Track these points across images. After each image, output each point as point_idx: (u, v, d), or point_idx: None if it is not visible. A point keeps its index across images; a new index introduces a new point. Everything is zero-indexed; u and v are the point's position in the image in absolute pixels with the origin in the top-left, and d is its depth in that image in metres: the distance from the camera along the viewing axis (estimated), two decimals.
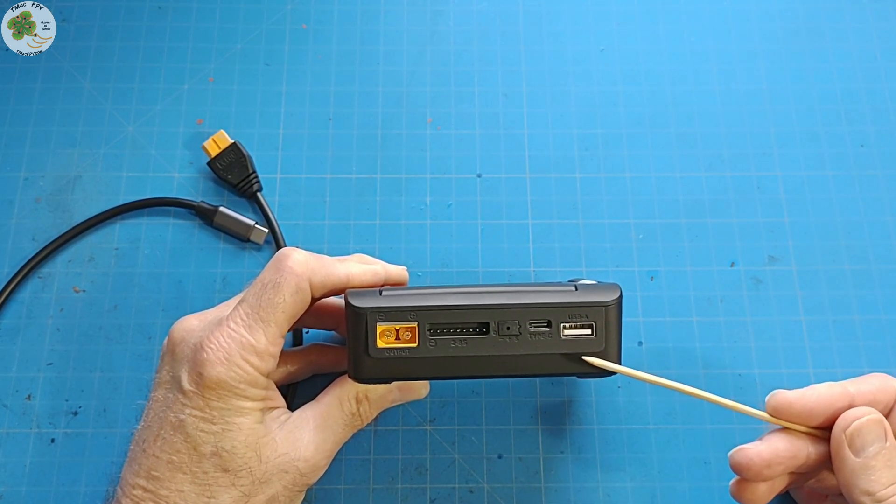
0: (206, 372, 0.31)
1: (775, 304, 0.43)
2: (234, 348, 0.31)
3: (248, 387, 0.32)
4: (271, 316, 0.32)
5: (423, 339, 0.32)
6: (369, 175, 0.46)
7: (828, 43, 0.49)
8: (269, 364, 0.33)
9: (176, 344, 0.33)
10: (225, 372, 0.31)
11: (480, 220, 0.45)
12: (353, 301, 0.32)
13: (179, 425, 0.31)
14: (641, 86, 0.48)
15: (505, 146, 0.46)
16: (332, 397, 0.35)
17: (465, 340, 0.32)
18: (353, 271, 0.34)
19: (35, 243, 0.43)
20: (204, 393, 0.31)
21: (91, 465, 0.40)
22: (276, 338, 0.32)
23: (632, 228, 0.45)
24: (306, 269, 0.33)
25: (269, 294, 0.32)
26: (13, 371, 0.41)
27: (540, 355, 0.32)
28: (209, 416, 0.31)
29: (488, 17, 0.49)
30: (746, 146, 0.46)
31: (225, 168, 0.44)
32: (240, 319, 0.32)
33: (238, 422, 0.32)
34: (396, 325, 0.32)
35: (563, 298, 0.32)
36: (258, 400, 0.33)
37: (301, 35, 0.49)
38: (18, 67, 0.47)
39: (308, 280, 0.33)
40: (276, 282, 0.32)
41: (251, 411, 0.32)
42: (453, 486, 0.39)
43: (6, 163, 0.45)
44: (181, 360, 0.32)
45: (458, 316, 0.32)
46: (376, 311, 0.31)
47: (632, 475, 0.40)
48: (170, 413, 0.32)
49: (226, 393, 0.31)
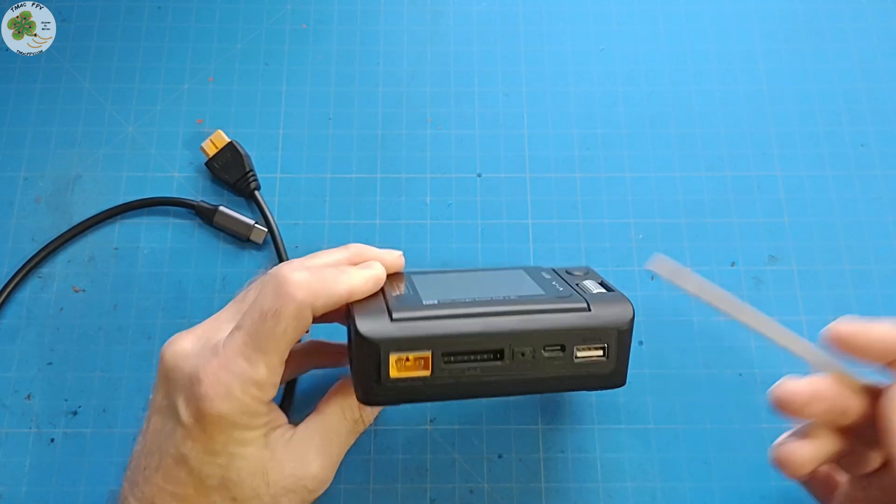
0: (205, 407, 0.29)
1: (775, 304, 0.43)
2: (234, 382, 0.29)
3: (250, 418, 0.30)
4: (272, 346, 0.30)
5: (436, 367, 0.30)
6: (369, 175, 0.46)
7: (828, 43, 0.49)
8: (271, 393, 0.31)
9: (170, 370, 0.31)
10: (225, 407, 0.29)
11: (480, 220, 0.45)
12: (363, 329, 0.30)
13: (182, 459, 0.30)
14: (641, 86, 0.48)
15: (505, 146, 0.46)
16: (335, 406, 0.34)
17: (478, 367, 0.30)
18: (356, 284, 0.32)
19: (35, 243, 0.43)
20: (205, 428, 0.30)
21: (91, 465, 0.40)
22: (276, 367, 0.30)
23: (632, 228, 0.44)
24: (308, 293, 0.30)
25: (270, 323, 0.29)
26: (13, 371, 0.41)
27: (551, 377, 0.31)
28: (212, 450, 0.30)
29: (488, 17, 0.49)
30: (746, 146, 0.46)
31: (222, 167, 0.44)
32: (238, 349, 0.30)
33: (242, 452, 0.30)
34: (410, 354, 0.30)
35: (579, 322, 0.31)
36: (260, 427, 0.31)
37: (301, 35, 0.49)
38: (18, 67, 0.47)
39: (310, 305, 0.30)
40: (276, 310, 0.29)
41: (254, 440, 0.31)
42: (453, 486, 0.39)
43: (6, 163, 0.45)
44: (177, 388, 0.31)
45: (472, 344, 0.30)
46: (389, 342, 0.29)
47: (632, 475, 0.40)
48: (170, 445, 0.30)
49: (227, 426, 0.30)
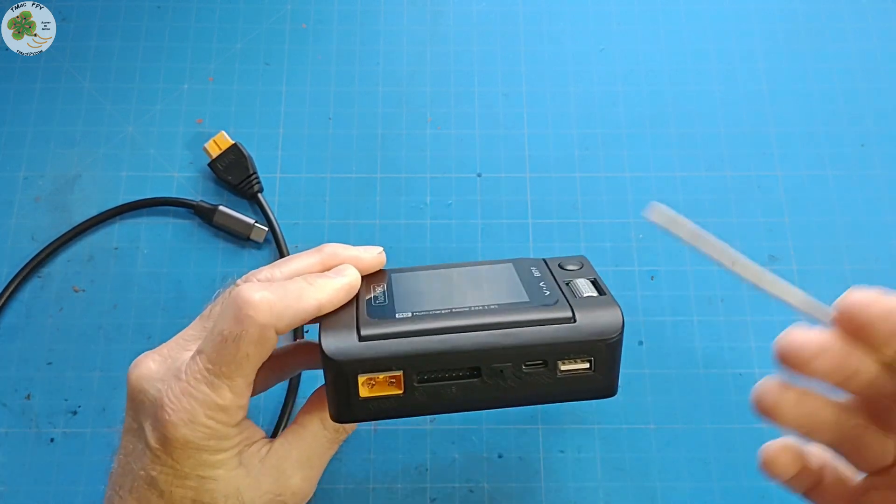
0: (169, 434, 0.28)
1: (775, 304, 0.43)
2: (197, 408, 0.28)
3: (218, 441, 0.29)
4: (235, 371, 0.28)
5: (409, 386, 0.28)
6: (369, 175, 0.46)
7: (828, 43, 0.49)
8: (239, 415, 0.29)
9: (135, 392, 0.30)
10: (189, 434, 0.28)
11: (480, 220, 0.45)
12: (329, 349, 0.28)
13: (152, 482, 0.29)
14: (641, 86, 0.48)
15: (505, 146, 0.46)
16: (313, 417, 0.32)
17: (454, 386, 0.28)
18: (324, 298, 0.30)
19: (35, 243, 0.43)
20: (172, 453, 0.29)
21: (90, 465, 0.40)
22: (242, 389, 0.29)
23: (632, 228, 0.44)
24: (269, 315, 0.28)
25: (230, 349, 0.28)
26: (13, 370, 0.41)
27: (534, 393, 0.29)
28: (181, 473, 0.29)
29: (488, 17, 0.49)
30: (746, 146, 0.46)
31: (225, 169, 0.44)
32: (199, 375, 0.28)
33: (213, 474, 0.29)
34: (379, 376, 0.28)
35: (561, 335, 0.28)
36: (231, 448, 0.30)
37: (301, 35, 0.49)
38: (18, 67, 0.47)
39: (273, 327, 0.28)
40: (236, 335, 0.28)
41: (225, 461, 0.30)
42: (453, 486, 0.39)
43: (6, 163, 0.45)
44: (143, 412, 0.30)
45: (445, 362, 0.28)
46: (356, 364, 0.28)
47: (632, 475, 0.40)
48: (140, 468, 0.29)
49: (194, 451, 0.29)
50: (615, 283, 0.43)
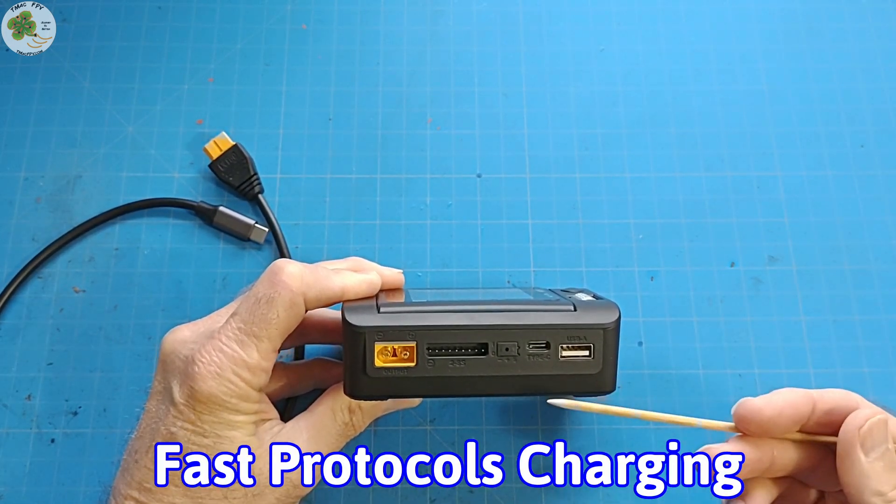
0: (197, 386, 0.31)
1: (775, 304, 0.43)
2: (226, 363, 0.31)
3: (239, 401, 0.31)
4: (264, 331, 0.31)
5: (421, 358, 0.31)
6: (369, 175, 0.46)
7: (828, 43, 0.49)
8: (262, 379, 0.32)
9: (167, 355, 0.33)
10: (216, 386, 0.31)
11: (480, 220, 0.45)
12: (351, 318, 0.31)
13: (171, 437, 0.31)
14: (641, 86, 0.48)
15: (505, 146, 0.46)
16: (325, 407, 0.34)
17: (463, 361, 0.31)
18: (349, 283, 0.34)
19: (35, 243, 0.43)
20: (195, 406, 0.31)
21: (91, 465, 0.40)
22: (268, 353, 0.32)
23: (632, 228, 0.45)
24: (301, 283, 0.32)
25: (263, 309, 0.31)
26: (13, 371, 0.41)
27: (537, 376, 0.32)
28: (200, 430, 0.31)
29: (488, 17, 0.49)
30: (746, 146, 0.46)
31: (226, 170, 0.44)
32: (232, 333, 0.31)
33: (229, 435, 0.31)
34: (395, 345, 0.31)
35: (562, 320, 0.32)
36: (250, 413, 0.32)
37: (301, 35, 0.49)
38: (18, 67, 0.47)
39: (303, 295, 0.32)
40: (269, 296, 0.31)
41: (243, 424, 0.32)
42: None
43: (6, 163, 0.45)
44: (173, 371, 0.32)
45: (457, 336, 0.31)
46: (374, 331, 0.31)
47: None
48: (161, 425, 0.32)
49: (217, 407, 0.31)
50: (615, 283, 0.43)
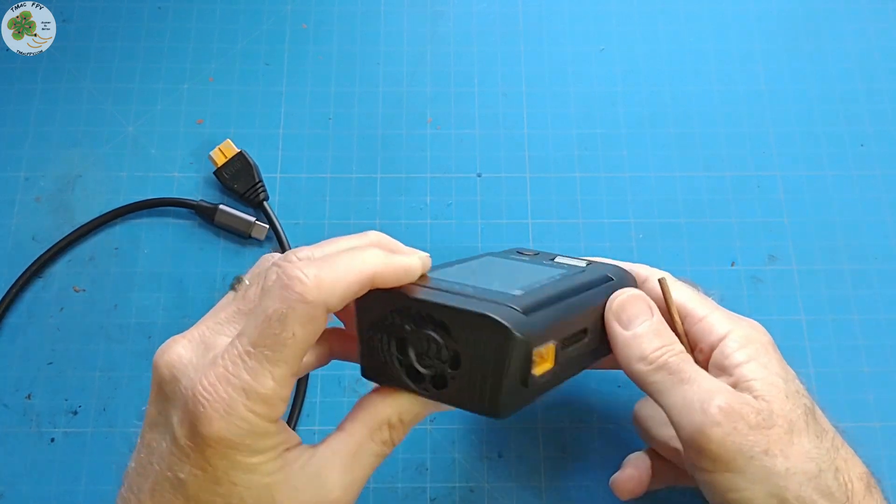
0: (202, 429, 0.25)
1: (775, 304, 0.43)
2: (236, 398, 0.25)
3: (255, 440, 0.26)
4: (279, 354, 0.25)
5: (557, 356, 0.28)
6: (369, 175, 0.46)
7: (827, 43, 0.49)
8: (280, 408, 0.26)
9: (165, 382, 0.27)
10: (226, 428, 0.25)
11: (480, 220, 0.45)
12: (508, 320, 0.25)
13: (179, 484, 0.26)
14: (641, 86, 0.48)
15: (505, 146, 0.46)
16: (361, 426, 0.29)
17: (576, 349, 0.30)
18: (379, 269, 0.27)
19: (36, 243, 0.44)
20: (203, 451, 0.26)
21: (91, 465, 0.40)
22: (285, 379, 0.26)
23: (632, 228, 0.45)
24: (319, 294, 0.25)
25: (275, 329, 0.25)
26: (13, 370, 0.41)
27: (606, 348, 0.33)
28: (213, 477, 0.26)
29: (488, 18, 0.49)
30: (746, 146, 0.46)
31: (231, 177, 0.44)
32: (239, 360, 0.25)
33: (247, 480, 0.26)
34: (543, 348, 0.27)
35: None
36: (268, 451, 0.27)
37: (301, 35, 0.49)
38: (18, 67, 0.47)
39: (324, 304, 0.25)
40: (282, 314, 0.25)
41: (262, 465, 0.26)
42: (453, 485, 0.39)
43: (6, 163, 0.45)
44: (173, 402, 0.27)
45: (574, 326, 0.30)
46: (535, 336, 0.26)
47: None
48: (165, 467, 0.26)
49: (230, 450, 0.26)
50: None
